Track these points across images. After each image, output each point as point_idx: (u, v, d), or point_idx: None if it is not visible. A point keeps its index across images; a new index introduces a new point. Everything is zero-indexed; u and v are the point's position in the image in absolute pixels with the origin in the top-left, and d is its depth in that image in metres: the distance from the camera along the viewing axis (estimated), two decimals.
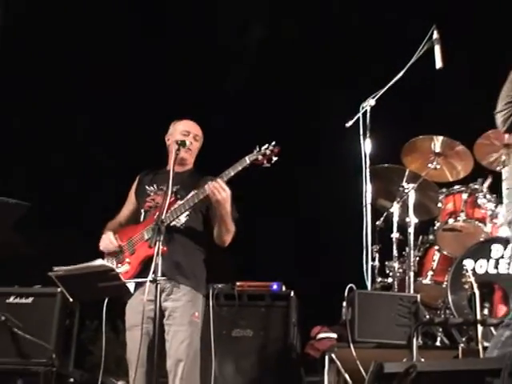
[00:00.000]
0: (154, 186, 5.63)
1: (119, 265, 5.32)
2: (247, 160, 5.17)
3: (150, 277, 4.77)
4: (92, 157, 10.89)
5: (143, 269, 5.23)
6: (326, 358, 5.66)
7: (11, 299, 6.15)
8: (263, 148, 5.19)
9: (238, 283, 6.77)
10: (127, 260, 5.36)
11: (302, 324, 6.95)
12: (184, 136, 5.61)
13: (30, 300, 6.13)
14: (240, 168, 5.17)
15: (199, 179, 5.49)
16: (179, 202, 5.25)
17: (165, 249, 4.96)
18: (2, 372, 6.07)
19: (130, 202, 5.76)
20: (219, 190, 5.13)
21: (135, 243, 5.39)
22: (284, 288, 6.89)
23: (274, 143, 5.18)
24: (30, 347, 5.93)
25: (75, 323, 6.47)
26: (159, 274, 4.78)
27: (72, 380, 6.24)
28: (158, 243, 4.83)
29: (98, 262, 5.05)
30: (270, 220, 7.73)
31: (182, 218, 5.40)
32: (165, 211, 5.00)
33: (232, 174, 5.17)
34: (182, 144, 5.39)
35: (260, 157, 5.17)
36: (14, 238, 4.84)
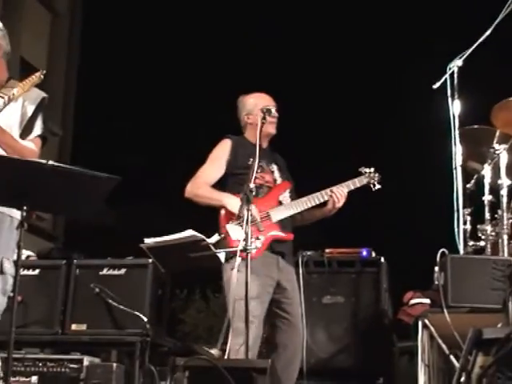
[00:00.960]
0: (254, 159, 5.37)
1: (253, 239, 5.08)
2: (364, 181, 5.66)
3: (241, 246, 4.77)
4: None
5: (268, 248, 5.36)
6: (420, 323, 5.58)
7: (104, 271, 6.24)
8: (372, 174, 5.69)
9: (327, 250, 6.74)
10: (261, 237, 5.33)
11: (392, 290, 6.90)
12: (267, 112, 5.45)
13: (122, 271, 6.21)
14: (358, 185, 5.64)
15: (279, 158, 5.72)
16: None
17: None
18: (98, 343, 6.18)
19: (221, 167, 5.56)
20: (343, 199, 5.49)
21: (262, 220, 5.36)
22: (374, 254, 6.84)
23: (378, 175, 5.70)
24: (124, 318, 6.03)
25: (167, 293, 6.54)
26: (249, 242, 4.77)
27: (166, 349, 6.31)
28: (246, 212, 4.83)
29: (188, 232, 5.07)
30: None
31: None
32: (252, 180, 4.95)
33: (352, 188, 5.61)
34: (268, 111, 5.33)
35: (368, 180, 5.69)
36: (105, 212, 4.89)
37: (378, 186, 5.73)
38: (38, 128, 4.71)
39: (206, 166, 5.55)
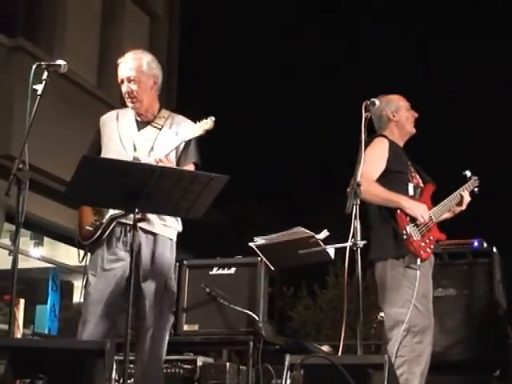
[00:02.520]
0: (407, 161, 5.61)
1: (423, 239, 5.29)
2: (476, 184, 5.78)
3: (350, 241, 4.73)
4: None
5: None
6: None
7: (214, 271, 6.26)
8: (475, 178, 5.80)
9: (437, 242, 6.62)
10: (431, 238, 5.35)
11: (506, 280, 6.75)
12: (409, 111, 5.68)
13: (232, 271, 6.21)
14: (471, 189, 5.74)
15: None
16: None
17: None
18: (211, 343, 6.21)
19: (382, 165, 5.46)
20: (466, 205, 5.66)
21: (429, 222, 5.37)
22: (485, 244, 6.70)
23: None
24: (236, 317, 6.02)
25: (276, 291, 6.53)
26: (358, 238, 4.72)
27: (278, 347, 6.30)
28: (354, 207, 4.78)
29: (297, 229, 5.06)
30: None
31: None
32: (358, 177, 4.90)
33: (469, 191, 5.73)
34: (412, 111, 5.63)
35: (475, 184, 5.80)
36: (212, 211, 4.93)
37: (477, 190, 5.82)
38: (192, 154, 4.91)
39: (369, 163, 5.28)
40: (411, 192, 5.46)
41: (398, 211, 5.27)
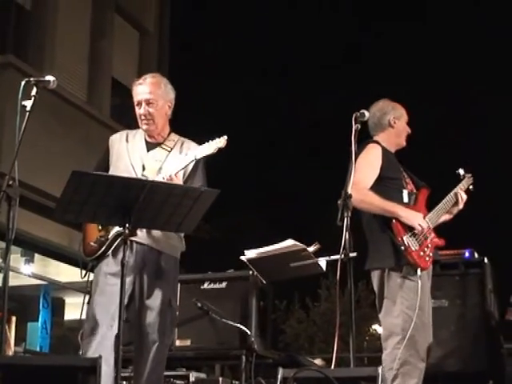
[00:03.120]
0: (400, 168, 5.62)
1: (422, 248, 5.28)
2: (470, 182, 5.76)
3: (342, 253, 4.72)
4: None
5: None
6: None
7: (205, 285, 6.25)
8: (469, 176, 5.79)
9: None
10: (429, 245, 5.34)
11: (498, 290, 6.75)
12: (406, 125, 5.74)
13: (223, 285, 6.20)
14: (466, 187, 5.72)
15: None
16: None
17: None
18: (203, 358, 6.20)
19: (376, 172, 5.46)
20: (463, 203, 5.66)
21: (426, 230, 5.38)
22: (476, 255, 6.70)
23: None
24: (228, 331, 6.00)
25: (268, 304, 6.52)
26: (350, 250, 4.72)
27: (271, 361, 6.28)
28: (346, 219, 4.78)
29: (289, 242, 5.05)
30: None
31: None
32: (348, 188, 4.90)
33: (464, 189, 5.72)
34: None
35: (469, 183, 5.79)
36: (203, 226, 4.94)
37: (471, 187, 5.79)
38: (199, 178, 4.90)
39: (362, 171, 5.31)
40: (406, 199, 5.45)
41: (394, 221, 5.26)
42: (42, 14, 11.39)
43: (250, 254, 5.19)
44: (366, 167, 5.37)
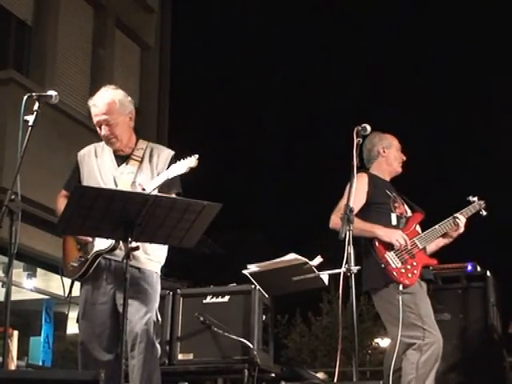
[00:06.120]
0: (390, 192, 5.80)
1: (404, 265, 5.47)
2: (477, 207, 5.89)
3: (344, 267, 4.72)
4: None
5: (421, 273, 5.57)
6: None
7: (208, 299, 6.24)
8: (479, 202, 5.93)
9: (431, 267, 6.62)
10: (414, 263, 5.51)
11: (500, 304, 6.75)
12: (398, 152, 5.97)
13: (226, 299, 6.20)
14: (473, 212, 5.86)
15: None
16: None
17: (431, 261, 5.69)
18: (206, 372, 6.18)
19: (362, 198, 5.63)
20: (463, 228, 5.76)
21: (412, 248, 5.54)
22: (479, 268, 6.70)
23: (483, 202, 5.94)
24: (231, 345, 6.00)
25: (271, 318, 6.51)
26: (352, 263, 4.72)
27: (273, 375, 6.27)
28: (347, 232, 4.78)
29: (291, 256, 5.05)
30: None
31: None
32: (350, 202, 4.92)
33: (468, 216, 5.83)
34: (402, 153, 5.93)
35: (478, 208, 5.92)
36: (206, 240, 4.93)
37: (485, 213, 5.95)
38: (174, 185, 4.85)
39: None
40: (394, 221, 5.65)
41: (375, 241, 5.47)
42: (43, 29, 11.41)
43: (253, 267, 5.18)
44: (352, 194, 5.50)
